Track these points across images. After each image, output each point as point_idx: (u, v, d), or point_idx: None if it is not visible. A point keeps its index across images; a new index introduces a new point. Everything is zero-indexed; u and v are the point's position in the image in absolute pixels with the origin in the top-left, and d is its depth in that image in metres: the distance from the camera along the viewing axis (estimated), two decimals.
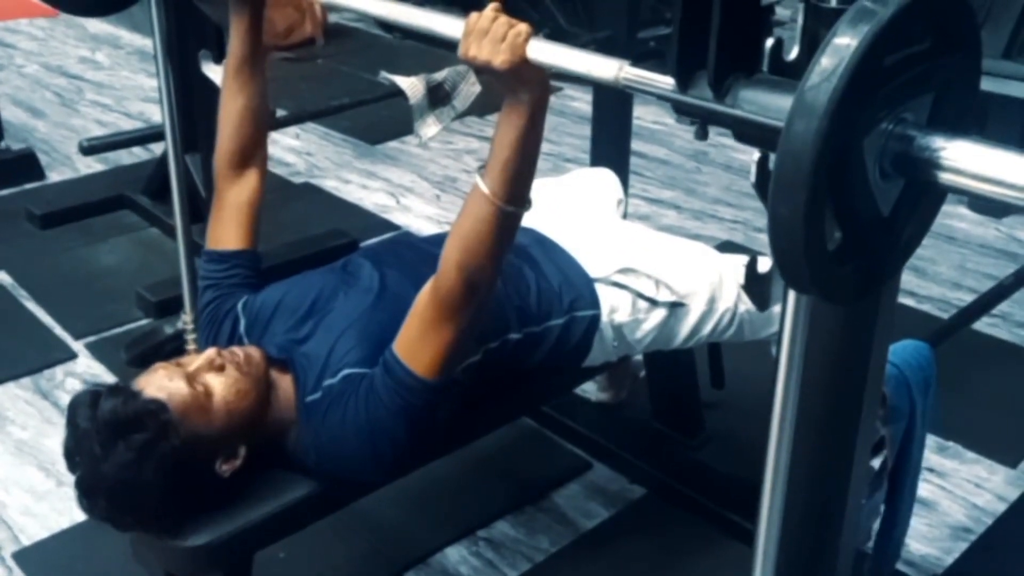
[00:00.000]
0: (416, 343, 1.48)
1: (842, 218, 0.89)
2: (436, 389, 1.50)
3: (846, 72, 0.81)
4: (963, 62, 0.95)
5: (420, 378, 1.48)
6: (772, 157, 1.11)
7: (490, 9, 1.32)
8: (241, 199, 1.76)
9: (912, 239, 1.01)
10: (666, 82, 1.11)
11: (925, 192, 0.95)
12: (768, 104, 1.00)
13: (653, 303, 1.81)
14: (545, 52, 1.28)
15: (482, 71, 1.32)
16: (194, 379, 1.48)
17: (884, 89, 0.87)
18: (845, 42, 0.82)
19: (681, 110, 1.11)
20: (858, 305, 1.12)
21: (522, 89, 1.34)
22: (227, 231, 1.75)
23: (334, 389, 1.52)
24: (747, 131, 1.03)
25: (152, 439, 1.41)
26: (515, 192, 1.41)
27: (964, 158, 0.89)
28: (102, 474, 1.41)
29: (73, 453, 1.46)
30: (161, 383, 1.47)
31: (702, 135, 1.12)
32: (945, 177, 0.90)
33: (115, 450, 1.40)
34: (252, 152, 1.79)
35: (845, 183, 0.87)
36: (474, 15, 1.32)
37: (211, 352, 1.53)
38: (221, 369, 1.50)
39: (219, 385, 1.49)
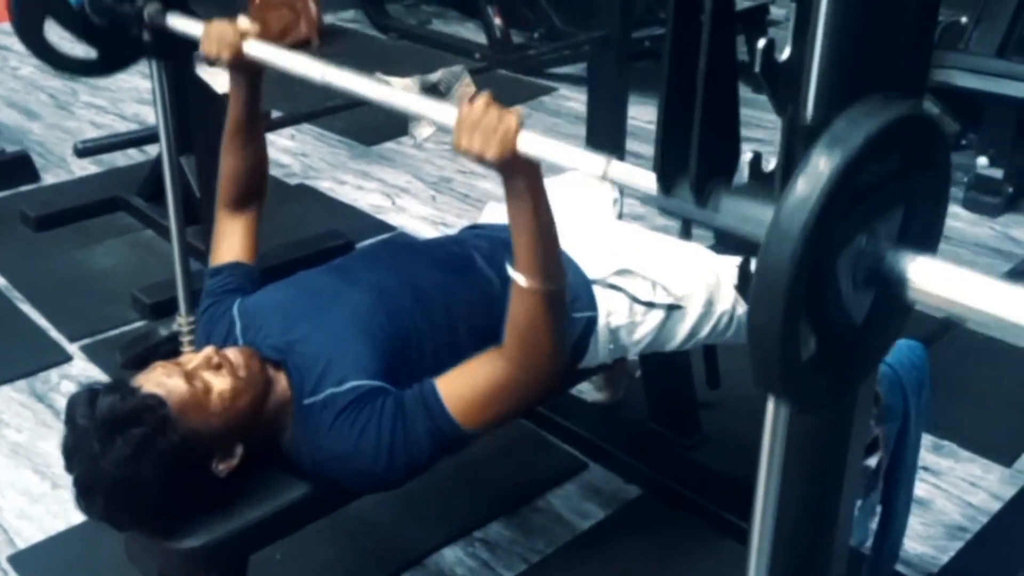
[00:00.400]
0: (468, 402, 1.51)
1: (816, 328, 0.93)
2: (471, 436, 1.54)
3: (820, 198, 0.85)
4: (932, 179, 0.99)
5: (460, 428, 1.51)
6: (764, 157, 1.12)
7: (481, 101, 1.36)
8: (238, 228, 1.84)
9: (882, 347, 1.05)
10: (651, 181, 1.15)
11: (894, 305, 0.99)
12: (748, 215, 1.05)
13: (650, 305, 1.81)
14: (535, 145, 1.32)
15: (475, 161, 1.37)
16: (192, 377, 1.48)
17: (857, 209, 0.91)
18: (819, 168, 0.86)
19: (667, 211, 1.16)
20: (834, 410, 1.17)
21: (517, 177, 1.39)
22: (224, 251, 1.83)
23: (339, 397, 1.52)
24: (728, 239, 1.08)
25: (150, 434, 1.41)
26: (548, 270, 1.46)
27: (929, 277, 0.94)
28: (101, 471, 1.41)
29: (71, 451, 1.46)
30: (159, 380, 1.47)
31: (686, 235, 1.16)
32: (911, 294, 0.95)
33: (114, 446, 1.40)
34: (251, 199, 1.87)
35: (819, 296, 0.91)
36: (466, 107, 1.36)
37: (208, 351, 1.53)
38: (218, 368, 1.51)
39: (217, 383, 1.49)
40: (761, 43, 1.05)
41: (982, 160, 3.50)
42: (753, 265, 1.22)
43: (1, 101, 4.52)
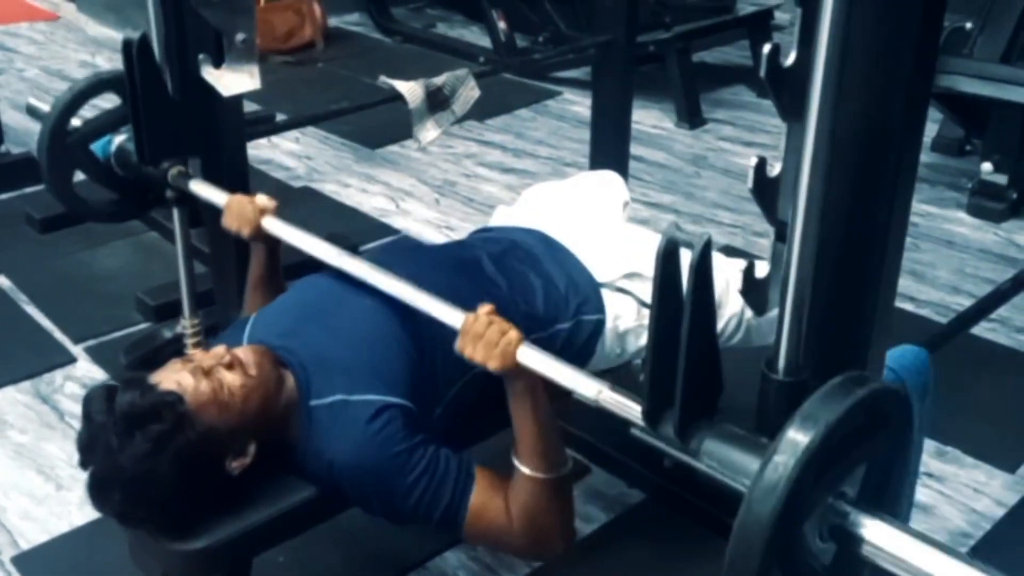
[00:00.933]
0: (485, 521, 1.54)
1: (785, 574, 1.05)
2: (461, 538, 1.63)
3: (796, 469, 0.98)
4: (893, 437, 1.11)
5: (462, 531, 1.56)
6: (769, 162, 1.13)
7: (483, 314, 1.45)
8: None
9: None
10: (638, 414, 1.26)
11: (852, 560, 1.09)
12: (729, 462, 1.16)
13: None
14: (534, 360, 1.44)
15: (478, 366, 1.46)
16: (208, 374, 1.50)
17: (826, 476, 1.03)
18: (797, 440, 0.99)
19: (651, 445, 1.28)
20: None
21: (517, 380, 1.48)
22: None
23: (353, 406, 1.52)
24: (708, 479, 1.20)
25: (169, 431, 1.42)
26: (551, 460, 1.53)
27: (881, 540, 1.05)
28: (118, 466, 1.42)
29: (88, 447, 1.46)
30: (176, 377, 1.49)
31: (666, 468, 1.24)
32: (867, 552, 1.06)
33: (132, 442, 1.41)
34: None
35: (790, 551, 1.03)
36: (470, 317, 1.47)
37: (220, 349, 1.55)
38: (231, 367, 1.52)
39: (231, 381, 1.50)
40: (766, 48, 1.05)
41: (986, 166, 3.50)
42: (758, 270, 1.23)
43: (7, 103, 4.53)
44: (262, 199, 1.86)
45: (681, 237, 1.15)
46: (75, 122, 2.28)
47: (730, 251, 3.14)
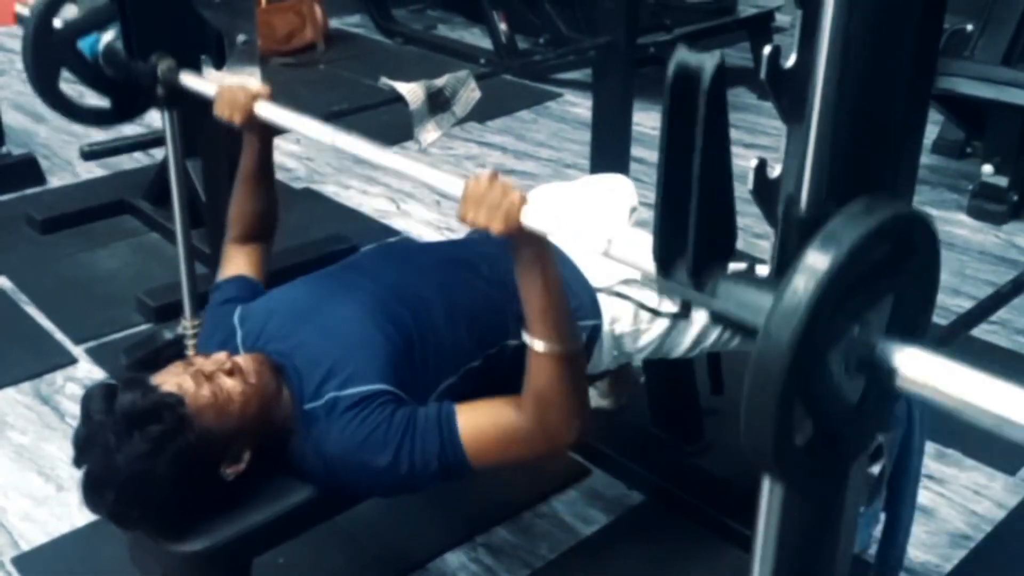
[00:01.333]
0: (484, 442, 1.51)
1: (810, 412, 0.97)
2: (474, 471, 1.53)
3: (815, 295, 0.90)
4: (921, 269, 1.03)
5: (467, 461, 1.51)
6: (769, 163, 1.13)
7: (486, 176, 1.40)
8: (245, 255, 1.86)
9: (874, 429, 1.07)
10: (650, 260, 1.18)
11: (883, 392, 1.02)
12: (745, 301, 1.09)
13: (655, 314, 1.81)
14: (539, 219, 1.36)
15: (482, 231, 1.40)
16: (209, 379, 1.50)
17: (850, 301, 0.95)
18: (816, 265, 0.91)
19: (665, 290, 1.17)
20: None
21: (523, 246, 1.42)
22: (231, 271, 1.84)
23: (343, 401, 1.52)
24: (725, 319, 1.12)
25: (168, 432, 1.42)
26: (563, 331, 1.47)
27: (916, 368, 0.97)
28: (115, 465, 1.42)
29: (84, 444, 1.46)
30: (178, 380, 1.49)
31: (684, 315, 1.18)
32: (899, 384, 0.98)
33: (131, 441, 1.41)
34: (258, 239, 1.89)
35: (813, 383, 0.95)
36: (472, 180, 1.41)
37: (222, 356, 1.55)
38: (231, 373, 1.52)
39: (231, 388, 1.50)
40: (767, 50, 1.05)
41: (987, 168, 3.50)
42: (759, 270, 1.23)
43: (7, 104, 4.53)
44: (255, 84, 1.82)
45: (692, 61, 1.05)
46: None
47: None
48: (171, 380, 1.49)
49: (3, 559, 2.10)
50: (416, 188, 3.83)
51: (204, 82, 2.01)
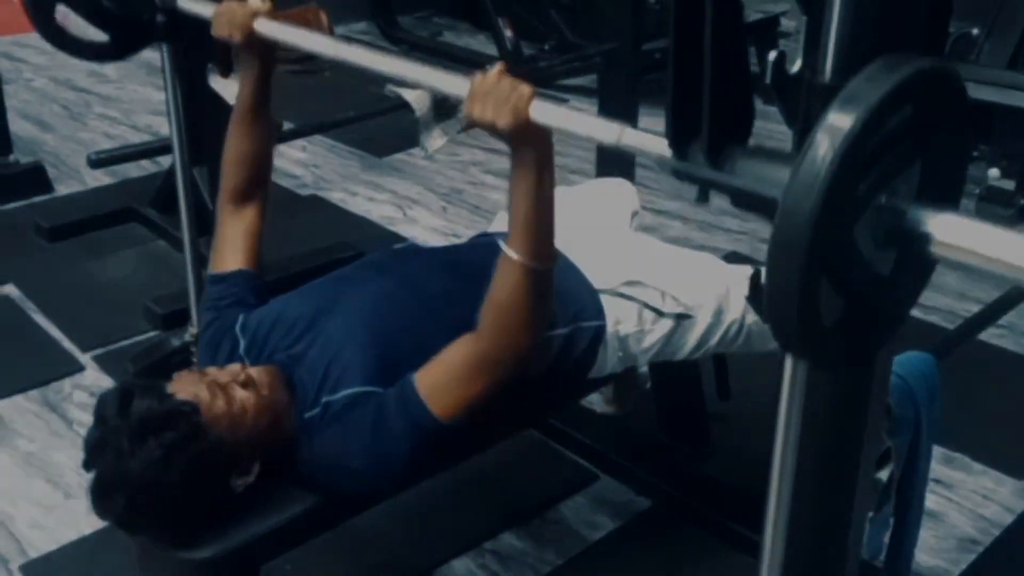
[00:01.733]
0: (443, 388, 1.51)
1: (837, 287, 0.92)
2: (450, 429, 1.52)
3: (839, 154, 0.84)
4: (950, 132, 0.97)
5: (436, 419, 1.50)
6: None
7: (495, 71, 1.36)
8: (241, 229, 1.81)
9: (905, 306, 1.03)
10: (665, 146, 1.14)
11: (917, 262, 0.98)
12: (764, 175, 1.04)
13: (659, 314, 1.81)
14: (548, 114, 1.31)
15: (487, 131, 1.37)
16: (224, 389, 1.50)
17: (876, 166, 0.90)
18: (837, 124, 0.85)
19: (680, 175, 1.14)
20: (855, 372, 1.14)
21: (527, 148, 1.39)
22: (227, 256, 1.80)
23: (334, 406, 1.53)
24: (744, 199, 1.07)
25: (182, 440, 1.42)
26: (539, 248, 1.46)
27: (951, 232, 0.92)
28: (127, 470, 1.42)
29: (96, 448, 1.46)
30: (194, 389, 1.49)
31: (703, 198, 1.16)
32: (935, 249, 0.93)
33: (144, 447, 1.41)
34: (254, 191, 1.84)
35: (839, 255, 0.90)
36: (479, 76, 1.36)
37: (236, 367, 1.55)
38: (245, 385, 1.52)
39: (245, 399, 1.50)
40: (772, 55, 1.05)
41: (994, 172, 3.49)
42: (764, 276, 1.22)
43: (15, 112, 4.54)
44: (254, 1, 1.77)
45: None
46: None
47: (737, 258, 3.14)
48: (187, 389, 1.49)
49: (11, 567, 2.11)
50: (422, 195, 3.83)
51: (202, 3, 1.96)
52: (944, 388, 1.67)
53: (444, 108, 3.08)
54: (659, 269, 1.85)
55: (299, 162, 4.13)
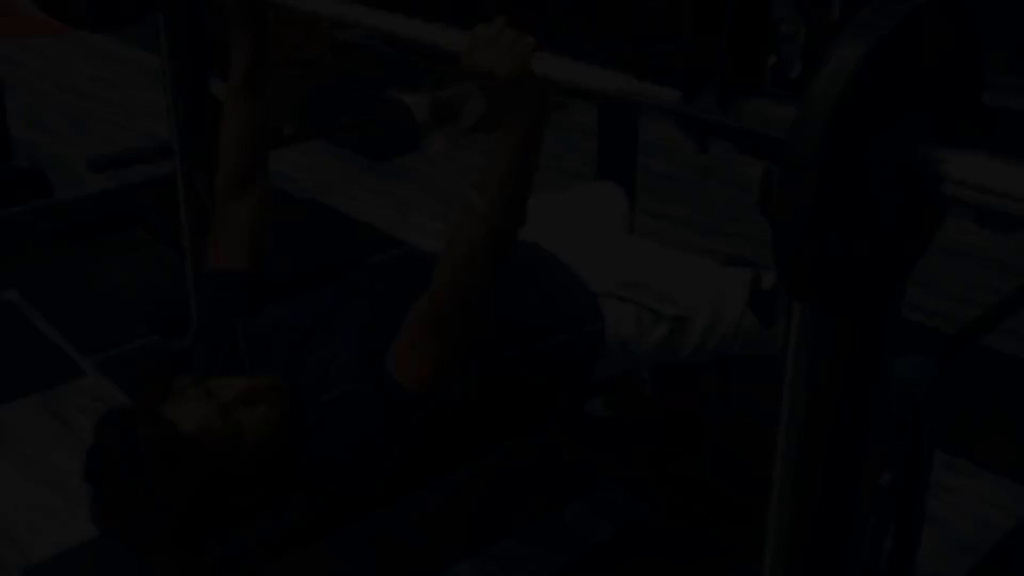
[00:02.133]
0: (406, 357, 1.48)
1: (845, 227, 0.89)
2: (424, 404, 1.48)
3: (846, 87, 0.82)
4: (963, 71, 0.95)
5: (407, 393, 1.47)
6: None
7: (498, 21, 1.32)
8: (240, 219, 1.74)
9: (916, 249, 1.01)
10: (671, 95, 1.11)
11: (928, 203, 0.96)
12: (773, 116, 1.01)
13: (657, 316, 1.81)
14: (551, 65, 1.27)
15: (484, 80, 1.31)
16: (228, 414, 1.47)
17: (885, 100, 0.88)
18: (846, 55, 0.83)
19: (684, 123, 1.12)
20: (863, 318, 1.11)
21: (522, 106, 1.35)
22: (225, 251, 1.74)
23: (329, 408, 1.52)
24: (751, 143, 1.04)
25: (183, 476, 1.41)
26: (508, 210, 1.42)
27: (965, 170, 0.89)
28: (126, 500, 1.41)
29: (96, 471, 1.45)
30: (197, 416, 1.45)
31: (702, 148, 1.12)
32: (947, 189, 0.90)
33: (143, 482, 1.40)
34: (253, 174, 1.77)
35: (848, 193, 0.87)
36: (481, 25, 1.32)
37: (240, 382, 1.52)
38: (249, 402, 1.49)
39: (251, 421, 1.48)
40: (771, 61, 1.05)
41: None
42: (765, 280, 1.22)
43: (16, 116, 4.55)
44: None
45: None
46: None
47: (734, 260, 3.14)
48: (191, 415, 1.45)
49: (12, 572, 2.10)
50: (422, 199, 3.83)
51: None
52: (945, 393, 1.67)
53: (444, 112, 3.09)
54: (655, 272, 1.85)
55: (299, 166, 4.13)
